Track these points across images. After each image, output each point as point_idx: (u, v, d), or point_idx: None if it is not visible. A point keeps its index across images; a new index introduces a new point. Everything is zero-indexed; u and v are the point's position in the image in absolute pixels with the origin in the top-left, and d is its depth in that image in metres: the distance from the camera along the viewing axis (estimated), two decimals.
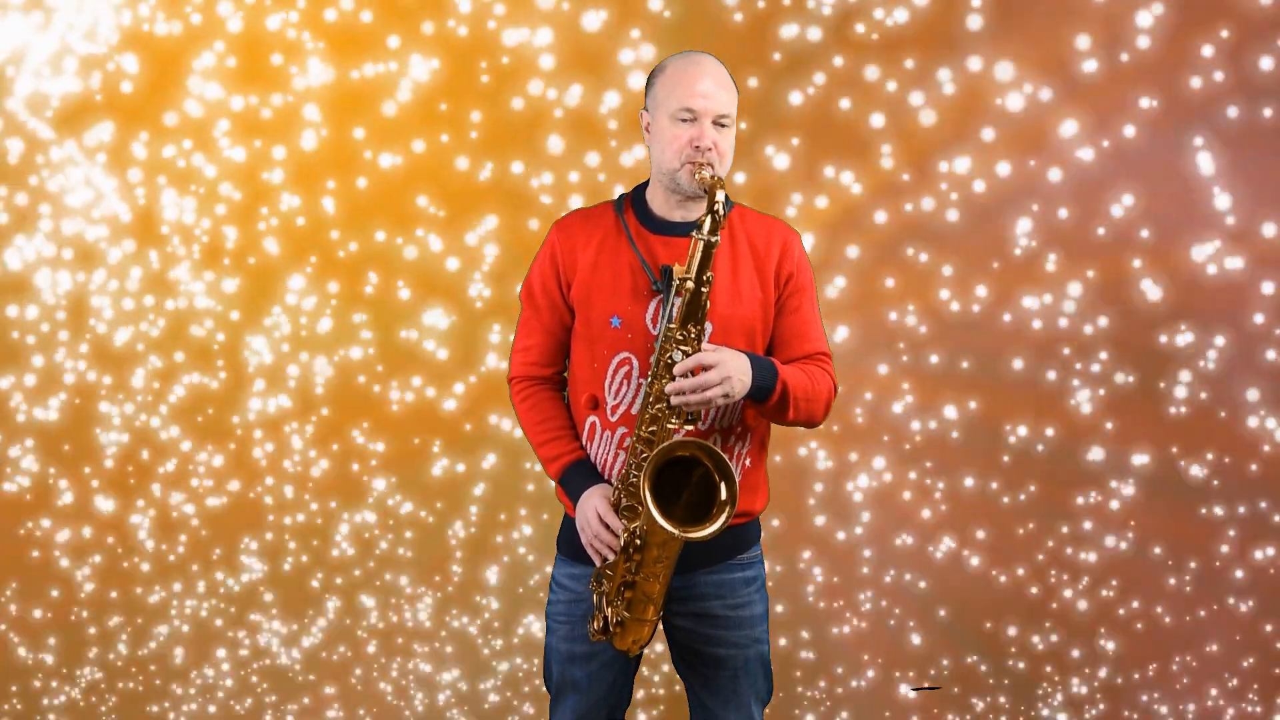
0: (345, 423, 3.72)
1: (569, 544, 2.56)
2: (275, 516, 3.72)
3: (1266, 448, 3.69)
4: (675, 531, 2.27)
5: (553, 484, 2.58)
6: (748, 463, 2.55)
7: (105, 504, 3.61)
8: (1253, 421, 3.70)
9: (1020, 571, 3.86)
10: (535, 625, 3.89)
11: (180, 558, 3.69)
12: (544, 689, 2.69)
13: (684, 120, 2.43)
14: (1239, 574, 3.78)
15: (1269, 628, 3.82)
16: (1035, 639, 3.90)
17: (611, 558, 2.40)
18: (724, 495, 2.31)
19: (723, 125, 2.45)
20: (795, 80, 3.64)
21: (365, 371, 3.69)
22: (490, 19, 3.50)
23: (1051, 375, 3.75)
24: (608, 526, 2.40)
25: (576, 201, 3.62)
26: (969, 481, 3.85)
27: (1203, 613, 3.83)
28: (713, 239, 2.34)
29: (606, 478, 2.49)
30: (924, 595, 3.94)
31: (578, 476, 2.51)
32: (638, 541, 2.36)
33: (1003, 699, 3.93)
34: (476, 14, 3.51)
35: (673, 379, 2.33)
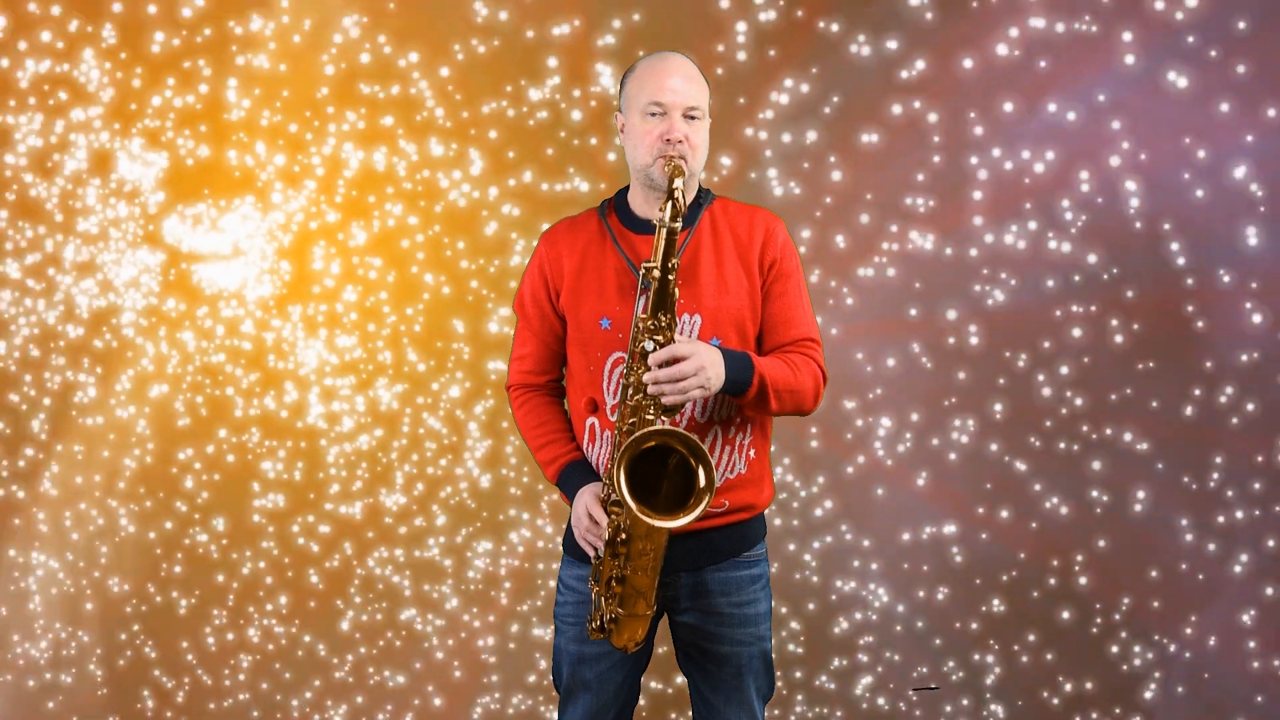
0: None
1: (574, 546, 2.56)
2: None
3: None
4: (652, 521, 2.22)
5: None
6: (751, 454, 2.50)
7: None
8: None
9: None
10: None
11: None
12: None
13: (654, 115, 2.41)
14: None
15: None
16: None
17: (602, 548, 2.38)
18: (702, 482, 2.25)
19: (693, 118, 2.41)
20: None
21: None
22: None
23: None
24: (595, 521, 2.39)
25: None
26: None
27: None
28: (674, 225, 2.27)
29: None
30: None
31: (574, 477, 2.51)
32: (623, 536, 2.33)
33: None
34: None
35: (649, 369, 2.30)
